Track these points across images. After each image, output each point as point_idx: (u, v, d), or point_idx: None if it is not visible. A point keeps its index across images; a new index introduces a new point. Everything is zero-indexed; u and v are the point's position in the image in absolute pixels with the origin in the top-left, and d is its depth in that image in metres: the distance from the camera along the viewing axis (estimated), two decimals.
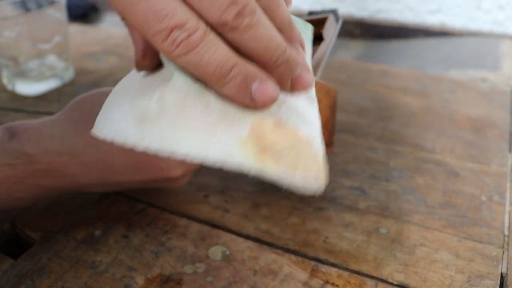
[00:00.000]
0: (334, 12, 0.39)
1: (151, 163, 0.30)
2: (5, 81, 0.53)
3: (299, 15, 0.31)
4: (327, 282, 0.28)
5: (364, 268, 0.29)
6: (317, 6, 0.95)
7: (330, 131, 0.34)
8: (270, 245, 0.31)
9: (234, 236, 0.32)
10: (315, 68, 0.32)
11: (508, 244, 0.31)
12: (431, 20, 0.88)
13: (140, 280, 0.28)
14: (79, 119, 0.30)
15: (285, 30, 0.22)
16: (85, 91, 0.32)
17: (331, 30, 0.37)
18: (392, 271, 0.29)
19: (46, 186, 0.29)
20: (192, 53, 0.19)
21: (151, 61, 0.24)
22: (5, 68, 0.52)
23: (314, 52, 0.32)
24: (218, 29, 0.19)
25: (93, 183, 0.30)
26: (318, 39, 0.34)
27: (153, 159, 0.29)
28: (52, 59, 0.53)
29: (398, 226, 0.33)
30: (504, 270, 0.29)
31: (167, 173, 0.30)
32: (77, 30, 0.74)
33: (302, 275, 0.29)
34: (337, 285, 0.28)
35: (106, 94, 0.25)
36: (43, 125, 0.30)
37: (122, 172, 0.30)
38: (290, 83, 0.22)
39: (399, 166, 0.40)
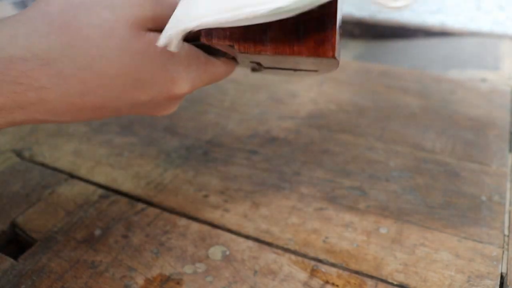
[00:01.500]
0: None
1: (156, 75, 0.24)
2: None
3: None
4: (327, 282, 0.28)
5: (364, 268, 0.29)
6: None
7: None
8: (270, 245, 0.31)
9: (234, 236, 0.32)
10: None
11: (508, 244, 0.31)
12: (431, 20, 0.88)
13: (140, 280, 0.28)
14: (56, 12, 0.22)
15: None
16: None
17: None
18: (392, 271, 0.29)
19: (4, 108, 0.21)
20: None
21: None
22: None
23: None
24: None
25: (70, 103, 0.23)
26: None
27: (159, 70, 0.24)
28: None
29: (398, 226, 0.33)
30: (504, 270, 0.29)
31: (172, 87, 0.25)
32: None
33: (302, 275, 0.29)
34: (337, 285, 0.28)
35: None
36: (1, 22, 0.22)
37: (115, 88, 0.24)
38: None
39: (399, 166, 0.40)
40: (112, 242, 0.31)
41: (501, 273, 0.29)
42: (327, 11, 0.20)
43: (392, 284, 0.28)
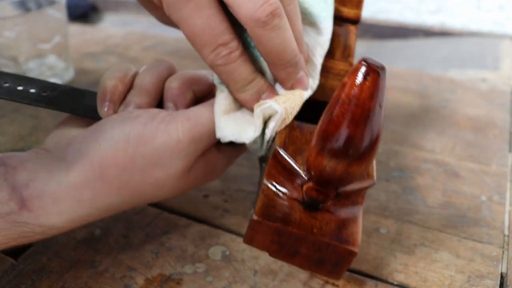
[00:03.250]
0: None
1: (200, 184, 0.29)
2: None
3: None
4: (327, 282, 0.28)
5: (364, 268, 0.29)
6: None
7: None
8: None
9: (234, 236, 0.32)
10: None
11: (508, 244, 0.31)
12: (431, 20, 0.88)
13: (140, 280, 0.28)
14: (115, 177, 0.25)
15: (298, 40, 0.26)
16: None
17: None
18: (392, 271, 0.29)
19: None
20: (228, 66, 0.24)
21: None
22: (5, 68, 0.52)
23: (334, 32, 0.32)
24: (247, 24, 0.23)
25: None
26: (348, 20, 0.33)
27: (201, 184, 0.29)
28: (52, 59, 0.53)
29: (398, 226, 0.33)
30: (504, 270, 0.29)
31: (212, 180, 0.31)
32: (77, 30, 0.74)
33: (302, 275, 0.29)
34: (337, 285, 0.28)
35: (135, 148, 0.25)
36: (63, 189, 0.24)
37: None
38: (292, 83, 0.27)
39: (399, 166, 0.40)
40: (112, 242, 0.31)
41: (501, 273, 0.29)
42: (342, 259, 0.24)
43: (392, 284, 0.28)
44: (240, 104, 0.27)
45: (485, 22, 0.84)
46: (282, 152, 0.25)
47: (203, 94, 0.30)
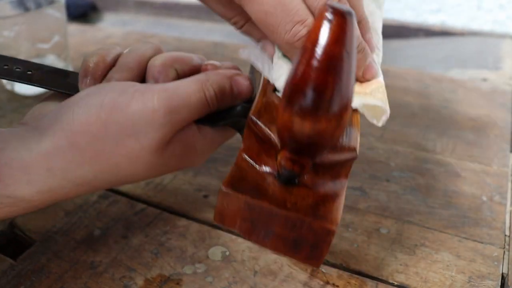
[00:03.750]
0: None
1: (179, 167, 0.28)
2: (4, 81, 0.53)
3: None
4: (327, 282, 0.28)
5: (364, 269, 0.29)
6: None
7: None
8: None
9: (234, 236, 0.32)
10: None
11: (509, 245, 0.31)
12: (432, 19, 0.88)
13: (139, 280, 0.28)
14: (87, 145, 0.24)
15: (362, 23, 0.25)
16: None
17: None
18: (393, 272, 0.29)
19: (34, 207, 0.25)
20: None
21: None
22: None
23: None
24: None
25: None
26: None
27: (182, 164, 0.28)
28: (51, 59, 0.53)
29: (399, 226, 0.33)
30: (505, 271, 0.29)
31: (192, 165, 0.29)
32: (76, 30, 0.74)
33: (302, 276, 0.29)
34: (337, 286, 0.28)
35: (114, 108, 0.24)
36: (33, 156, 0.23)
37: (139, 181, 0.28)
38: (362, 71, 0.26)
39: (400, 166, 0.40)
40: (111, 242, 0.31)
41: (502, 273, 0.29)
42: (320, 239, 0.22)
43: (392, 284, 0.28)
44: None
45: (486, 21, 0.84)
46: (255, 120, 0.24)
47: (186, 74, 0.29)
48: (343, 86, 0.18)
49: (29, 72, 0.29)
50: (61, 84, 0.30)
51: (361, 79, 0.27)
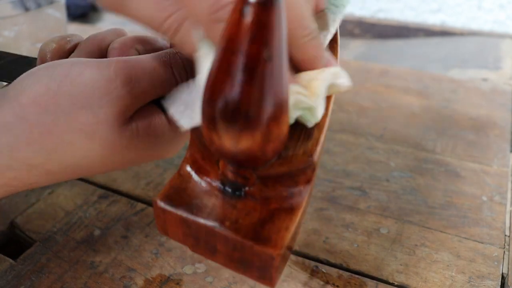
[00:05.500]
0: None
1: (144, 157, 0.25)
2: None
3: None
4: (327, 282, 0.28)
5: (364, 269, 0.29)
6: None
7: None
8: None
9: None
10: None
11: (509, 245, 0.31)
12: (432, 19, 0.88)
13: (139, 280, 0.28)
14: (36, 119, 0.21)
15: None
16: None
17: None
18: (393, 272, 0.29)
19: None
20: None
21: None
22: None
23: None
24: None
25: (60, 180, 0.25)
26: None
27: (147, 153, 0.25)
28: None
29: (399, 226, 0.33)
30: (505, 271, 0.29)
31: (159, 157, 0.27)
32: (76, 30, 0.74)
33: (303, 276, 0.29)
34: (338, 286, 0.28)
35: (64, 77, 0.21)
36: None
37: (104, 170, 0.25)
38: (306, 62, 0.22)
39: (400, 166, 0.40)
40: (111, 242, 0.31)
41: (502, 273, 0.29)
42: (264, 263, 0.19)
43: (392, 284, 0.28)
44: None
45: (486, 21, 0.84)
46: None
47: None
48: (265, 95, 0.15)
49: None
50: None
51: (303, 69, 0.23)
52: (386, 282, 0.28)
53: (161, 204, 0.19)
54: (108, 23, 1.04)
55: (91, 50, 0.26)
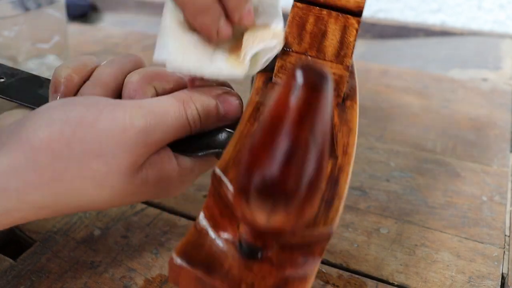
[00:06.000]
0: None
1: (152, 197, 0.26)
2: None
3: None
4: (327, 282, 0.28)
5: (364, 269, 0.29)
6: None
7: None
8: None
9: None
10: None
11: (509, 245, 0.31)
12: (432, 19, 0.88)
13: (139, 280, 0.28)
14: (47, 164, 0.21)
15: None
16: None
17: None
18: (393, 272, 0.29)
19: None
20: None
21: None
22: None
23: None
24: None
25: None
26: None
27: (154, 195, 0.25)
28: (51, 59, 0.53)
29: (399, 226, 0.33)
30: (505, 271, 0.29)
31: (168, 197, 0.28)
32: (76, 30, 0.74)
33: None
34: (338, 286, 0.28)
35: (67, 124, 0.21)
36: None
37: (109, 208, 0.26)
38: (238, 16, 0.25)
39: (400, 166, 0.40)
40: (111, 242, 0.31)
41: (502, 273, 0.29)
42: None
43: (392, 284, 0.28)
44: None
45: (486, 21, 0.84)
46: (220, 174, 0.20)
47: (166, 93, 0.26)
48: (304, 177, 0.15)
49: (1, 80, 0.27)
50: (32, 96, 0.27)
51: (237, 24, 0.25)
52: (386, 282, 0.28)
53: (178, 260, 0.19)
54: (108, 23, 1.04)
55: (106, 82, 0.26)
